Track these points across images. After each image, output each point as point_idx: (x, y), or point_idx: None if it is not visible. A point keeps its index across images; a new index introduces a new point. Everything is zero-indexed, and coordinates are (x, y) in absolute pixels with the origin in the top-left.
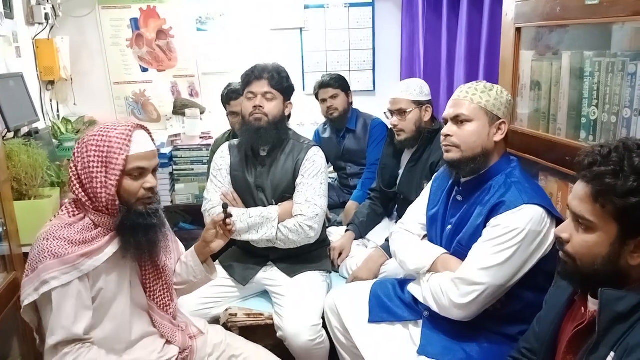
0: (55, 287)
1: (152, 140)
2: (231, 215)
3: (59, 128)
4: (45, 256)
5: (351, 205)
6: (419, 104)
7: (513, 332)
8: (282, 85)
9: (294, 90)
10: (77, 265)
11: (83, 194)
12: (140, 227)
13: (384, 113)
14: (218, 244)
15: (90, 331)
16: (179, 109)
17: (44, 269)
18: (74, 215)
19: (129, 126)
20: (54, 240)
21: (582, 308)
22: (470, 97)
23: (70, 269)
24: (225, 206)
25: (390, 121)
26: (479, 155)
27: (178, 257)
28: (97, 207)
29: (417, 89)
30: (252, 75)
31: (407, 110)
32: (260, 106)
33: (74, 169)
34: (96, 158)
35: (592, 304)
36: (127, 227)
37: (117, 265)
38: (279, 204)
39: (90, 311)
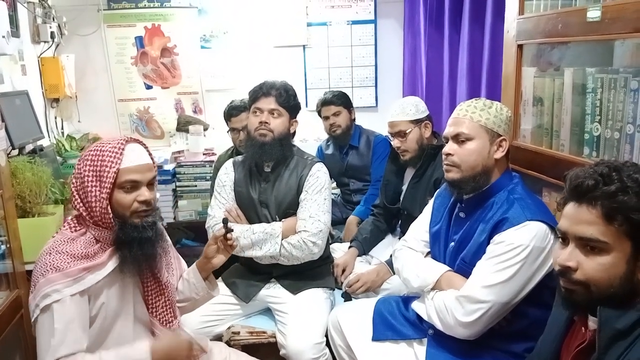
0: (56, 300)
1: (150, 154)
2: (232, 230)
3: (63, 145)
4: (47, 270)
5: (352, 220)
6: (417, 122)
7: (519, 349)
8: (289, 103)
9: (300, 108)
10: (78, 279)
11: (83, 207)
12: (135, 240)
13: (385, 137)
14: (219, 260)
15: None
16: (183, 125)
17: (46, 282)
18: (75, 231)
19: (121, 140)
20: (56, 254)
21: (583, 327)
22: (470, 115)
23: (71, 282)
24: (225, 221)
25: (393, 144)
26: (479, 173)
27: (180, 274)
28: (96, 221)
29: (413, 108)
30: (259, 92)
31: (407, 131)
32: (266, 122)
33: (75, 183)
34: (91, 172)
35: (593, 323)
36: (122, 240)
37: (119, 280)
38: (283, 220)
39: (87, 331)
